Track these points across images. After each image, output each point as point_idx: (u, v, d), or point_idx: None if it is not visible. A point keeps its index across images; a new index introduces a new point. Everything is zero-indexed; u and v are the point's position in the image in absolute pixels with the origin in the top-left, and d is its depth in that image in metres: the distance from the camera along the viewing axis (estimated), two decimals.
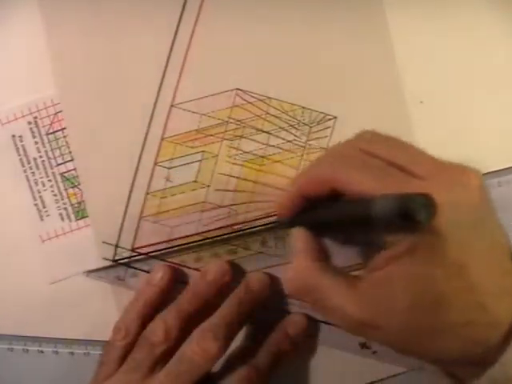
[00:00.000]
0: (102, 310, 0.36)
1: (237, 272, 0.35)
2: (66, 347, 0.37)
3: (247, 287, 0.34)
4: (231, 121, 0.35)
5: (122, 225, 0.36)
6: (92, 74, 0.36)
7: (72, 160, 0.36)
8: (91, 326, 0.37)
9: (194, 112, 0.35)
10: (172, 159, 0.36)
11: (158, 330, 0.33)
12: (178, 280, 0.36)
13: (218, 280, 0.34)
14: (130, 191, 0.36)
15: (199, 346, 0.32)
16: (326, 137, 0.35)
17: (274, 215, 0.35)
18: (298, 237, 0.30)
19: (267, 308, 0.35)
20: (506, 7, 0.34)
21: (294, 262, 0.29)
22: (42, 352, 0.37)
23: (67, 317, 0.37)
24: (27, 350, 0.37)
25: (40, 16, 0.36)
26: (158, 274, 0.35)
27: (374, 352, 0.36)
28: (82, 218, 0.36)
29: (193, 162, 0.36)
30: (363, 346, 0.36)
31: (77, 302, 0.37)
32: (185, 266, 0.36)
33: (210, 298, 0.34)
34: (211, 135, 0.36)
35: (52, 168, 0.36)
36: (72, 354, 0.37)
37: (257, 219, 0.36)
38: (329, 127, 0.35)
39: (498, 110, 0.35)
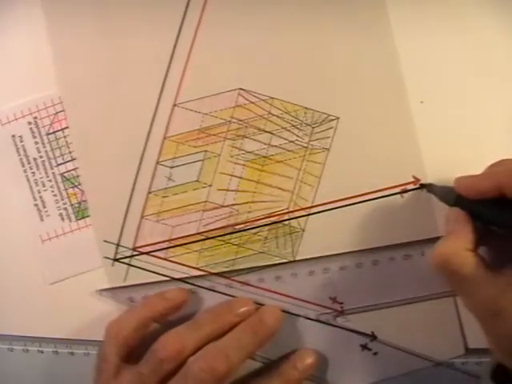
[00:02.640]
0: (101, 310, 0.36)
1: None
2: (66, 347, 0.37)
3: (262, 320, 0.34)
4: (234, 120, 0.36)
5: (124, 224, 0.36)
6: (94, 74, 0.36)
7: (72, 160, 0.36)
8: (91, 326, 0.36)
9: (196, 111, 0.35)
10: (174, 158, 0.36)
11: (169, 345, 0.32)
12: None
13: (246, 316, 0.34)
14: (132, 190, 0.36)
15: (207, 364, 0.31)
16: (328, 137, 0.35)
17: (276, 215, 0.36)
18: (460, 218, 0.30)
19: None
20: (506, 7, 0.35)
21: (446, 242, 0.29)
22: (41, 352, 0.37)
23: (67, 317, 0.37)
24: (27, 350, 0.37)
25: (42, 15, 0.36)
26: (175, 292, 0.35)
27: (374, 353, 0.36)
28: (82, 218, 0.36)
29: (195, 162, 0.36)
30: (364, 347, 0.36)
31: (77, 302, 0.36)
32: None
33: (232, 327, 0.34)
34: (213, 135, 0.36)
35: (52, 168, 0.36)
36: (72, 353, 0.37)
37: (258, 219, 0.36)
38: (331, 128, 0.35)
39: (499, 110, 0.35)
